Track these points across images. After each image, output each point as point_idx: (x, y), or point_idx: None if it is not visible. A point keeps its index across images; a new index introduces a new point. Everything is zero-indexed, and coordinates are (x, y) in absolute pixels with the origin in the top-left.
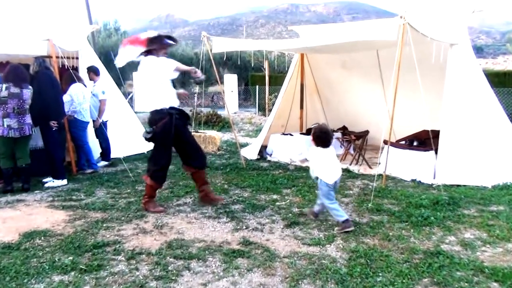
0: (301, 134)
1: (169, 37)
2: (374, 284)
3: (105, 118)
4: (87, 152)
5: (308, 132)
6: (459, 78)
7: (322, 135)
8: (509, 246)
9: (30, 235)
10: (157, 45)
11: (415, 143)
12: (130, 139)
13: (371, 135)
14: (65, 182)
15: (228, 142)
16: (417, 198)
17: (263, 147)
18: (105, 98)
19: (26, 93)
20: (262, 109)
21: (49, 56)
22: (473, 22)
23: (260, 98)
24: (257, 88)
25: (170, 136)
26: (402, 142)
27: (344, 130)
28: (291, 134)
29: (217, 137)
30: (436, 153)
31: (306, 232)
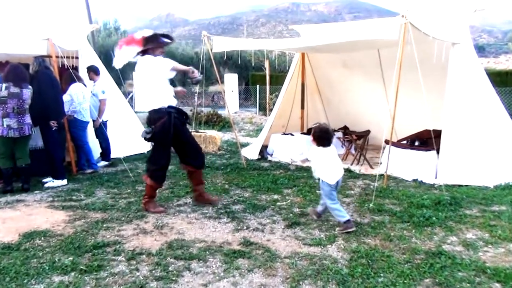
0: (302, 134)
1: (165, 35)
2: (375, 284)
3: (105, 118)
4: (87, 152)
5: (309, 132)
6: (461, 78)
7: (322, 135)
8: (511, 246)
9: (30, 236)
10: (153, 44)
11: (417, 143)
12: (130, 139)
13: (373, 135)
14: (65, 182)
15: (228, 142)
16: (418, 198)
17: (264, 147)
18: (105, 98)
19: (26, 93)
20: (263, 108)
21: (48, 55)
22: (475, 21)
23: (260, 98)
24: (257, 87)
25: (169, 135)
26: (404, 142)
27: (345, 129)
28: (292, 134)
29: (217, 137)
30: (437, 153)
31: (307, 232)
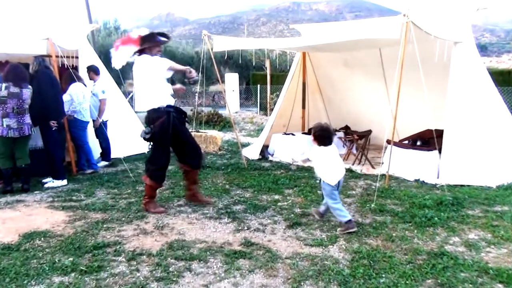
0: (303, 133)
1: (161, 34)
2: (377, 285)
3: (105, 117)
4: (87, 152)
5: (310, 131)
6: (463, 77)
7: (323, 134)
8: None
9: (30, 236)
10: (150, 43)
11: (419, 143)
12: (130, 139)
13: (374, 135)
14: (65, 182)
15: (229, 142)
16: (420, 198)
17: (265, 147)
18: (105, 98)
19: (26, 92)
20: (264, 108)
21: (48, 55)
22: (477, 20)
23: (261, 97)
24: (258, 87)
25: (168, 135)
26: (405, 142)
27: (346, 129)
28: (293, 134)
29: (218, 137)
30: (439, 152)
31: (308, 232)
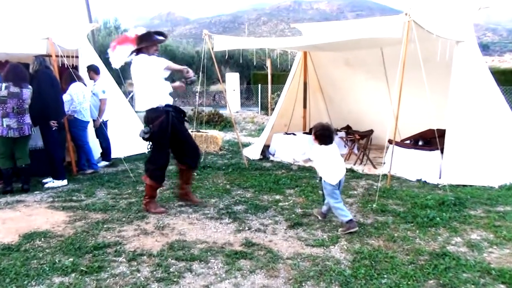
0: (304, 133)
1: (158, 33)
2: (379, 286)
3: (105, 117)
4: (87, 152)
5: (311, 131)
6: (465, 76)
7: (324, 132)
8: None
9: (30, 236)
10: (147, 42)
11: (421, 143)
12: (131, 139)
13: (376, 135)
14: (65, 182)
15: (230, 142)
16: (422, 198)
17: (266, 147)
18: (105, 97)
19: (26, 92)
20: (265, 108)
21: (48, 55)
22: (479, 19)
23: (262, 97)
24: (259, 86)
25: (167, 134)
26: (407, 142)
27: (348, 129)
28: (294, 134)
29: (219, 136)
30: (441, 152)
31: (310, 233)
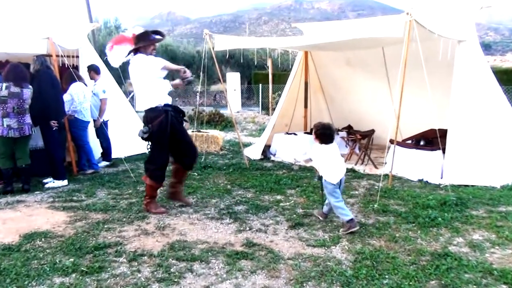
0: (305, 133)
1: (156, 32)
2: (380, 286)
3: (106, 117)
4: (88, 152)
5: (312, 131)
6: (467, 76)
7: (325, 132)
8: None
9: (30, 237)
10: (144, 42)
11: (422, 143)
12: (131, 139)
13: (377, 134)
14: (65, 182)
15: (231, 142)
16: (424, 198)
17: (267, 147)
18: (106, 97)
19: (26, 92)
20: (266, 108)
21: (49, 54)
22: (481, 18)
23: (263, 97)
24: (260, 86)
25: (166, 134)
26: (409, 142)
27: (349, 129)
28: (295, 134)
29: (219, 136)
30: (443, 152)
31: (311, 233)
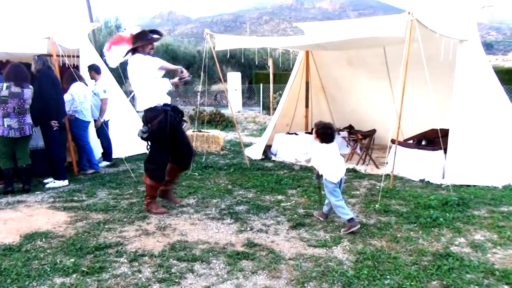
0: (306, 133)
1: (153, 31)
2: (381, 286)
3: (106, 117)
4: (89, 152)
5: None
6: (469, 76)
7: (325, 131)
8: None
9: (31, 237)
10: (142, 41)
11: (424, 142)
12: (132, 139)
13: (378, 134)
14: (66, 182)
15: (231, 142)
16: (425, 198)
17: (268, 147)
18: (106, 97)
19: (27, 92)
20: (267, 107)
21: (49, 54)
22: (482, 18)
23: (264, 97)
24: (261, 86)
25: (166, 133)
26: (410, 141)
27: (350, 129)
28: (296, 134)
29: (220, 136)
30: (445, 152)
31: (312, 233)
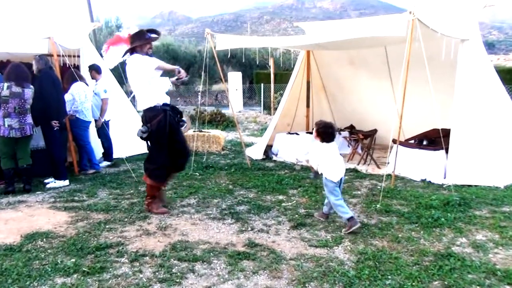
0: (307, 133)
1: (151, 30)
2: (383, 287)
3: (107, 117)
4: (89, 152)
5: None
6: (470, 75)
7: (326, 130)
8: None
9: (32, 237)
10: (140, 41)
11: (425, 142)
12: (132, 139)
13: (380, 134)
14: (67, 182)
15: (232, 142)
16: (427, 198)
17: (269, 147)
18: (107, 97)
19: (28, 92)
20: (267, 107)
21: (50, 54)
22: (484, 17)
23: (265, 97)
24: (262, 86)
25: (165, 133)
26: (412, 141)
27: (351, 129)
28: (297, 133)
29: (221, 136)
30: (446, 152)
31: (313, 233)
